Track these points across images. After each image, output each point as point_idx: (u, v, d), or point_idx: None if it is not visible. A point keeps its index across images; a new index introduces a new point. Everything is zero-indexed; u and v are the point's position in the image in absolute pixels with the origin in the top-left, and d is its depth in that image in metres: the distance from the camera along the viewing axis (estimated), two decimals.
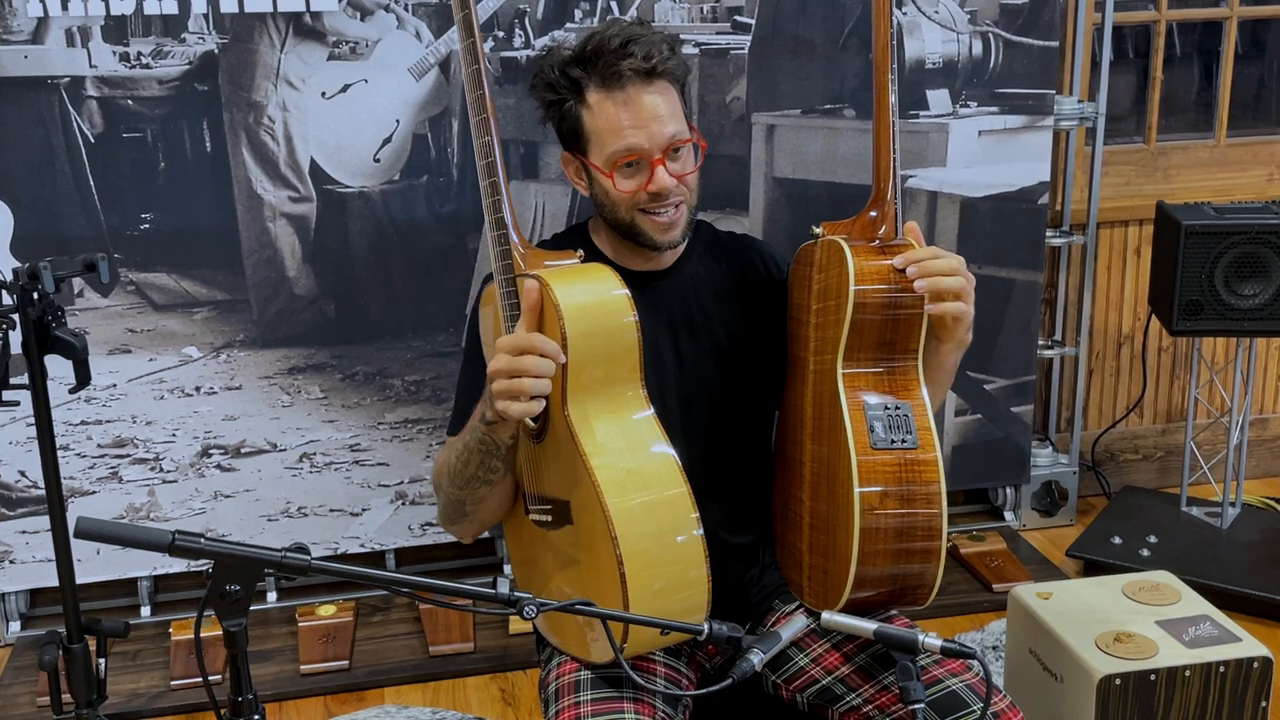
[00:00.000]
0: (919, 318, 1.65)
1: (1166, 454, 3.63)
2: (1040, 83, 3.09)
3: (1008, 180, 3.13)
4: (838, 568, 1.64)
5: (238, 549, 1.20)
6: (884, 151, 1.74)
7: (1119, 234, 3.46)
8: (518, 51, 2.81)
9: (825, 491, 1.68)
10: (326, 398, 2.94)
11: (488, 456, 1.68)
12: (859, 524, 1.59)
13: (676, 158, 1.75)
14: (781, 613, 1.86)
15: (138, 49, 2.66)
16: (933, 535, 1.61)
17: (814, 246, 1.75)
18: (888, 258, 1.66)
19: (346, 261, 2.86)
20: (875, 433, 1.62)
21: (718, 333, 1.86)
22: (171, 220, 2.77)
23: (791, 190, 3.01)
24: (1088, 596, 2.16)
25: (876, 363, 1.66)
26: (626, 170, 1.73)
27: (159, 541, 1.16)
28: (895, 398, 1.65)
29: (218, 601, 1.20)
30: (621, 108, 1.71)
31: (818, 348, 1.71)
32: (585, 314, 1.61)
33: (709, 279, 1.88)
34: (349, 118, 2.77)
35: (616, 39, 1.71)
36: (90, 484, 2.88)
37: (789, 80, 2.95)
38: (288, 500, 2.98)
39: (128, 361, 2.84)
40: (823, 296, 1.70)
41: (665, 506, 1.59)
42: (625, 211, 1.77)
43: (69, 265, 1.71)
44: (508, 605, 1.27)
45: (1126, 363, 3.56)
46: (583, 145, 1.77)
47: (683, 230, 1.80)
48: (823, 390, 1.69)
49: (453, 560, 3.17)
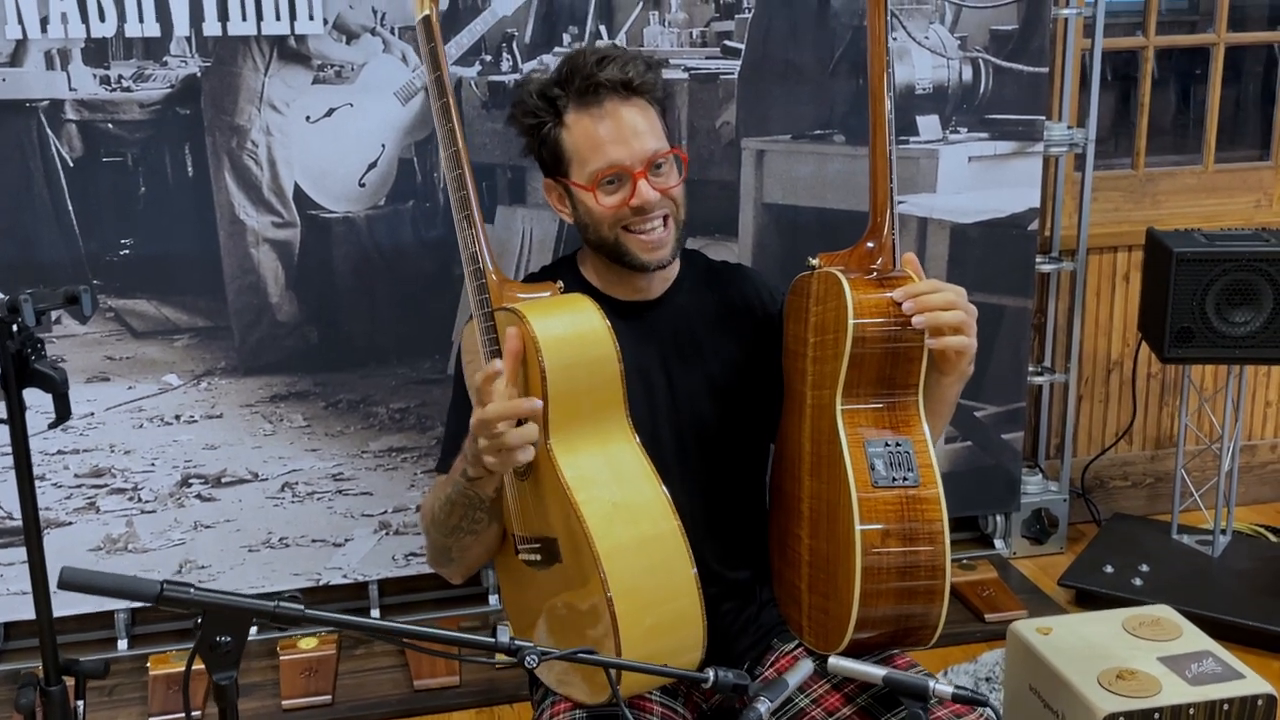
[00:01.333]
0: (919, 351, 1.62)
1: (1156, 480, 3.61)
2: (1030, 108, 3.07)
3: (998, 206, 3.12)
4: (839, 608, 1.60)
5: (229, 599, 1.15)
6: (881, 181, 1.71)
7: (1108, 260, 3.45)
8: (505, 76, 2.78)
9: (825, 530, 1.64)
10: (309, 426, 2.89)
11: (470, 509, 1.64)
12: (861, 564, 1.55)
13: (659, 172, 1.72)
14: (781, 652, 1.82)
15: (119, 72, 2.61)
16: (936, 574, 1.57)
17: (810, 278, 1.71)
18: (887, 290, 1.62)
19: (330, 287, 2.81)
20: (876, 470, 1.58)
21: (711, 363, 1.82)
22: (152, 246, 2.71)
23: (781, 216, 2.99)
24: (1088, 632, 2.13)
25: (876, 398, 1.63)
26: (608, 186, 1.70)
27: (146, 592, 1.11)
28: (896, 434, 1.61)
29: (207, 653, 1.15)
30: (600, 123, 1.69)
31: (815, 382, 1.68)
32: (564, 346, 1.57)
33: (701, 309, 1.84)
34: (334, 142, 2.73)
35: (592, 56, 1.70)
36: (66, 514, 2.82)
37: (779, 105, 2.93)
38: (269, 530, 2.92)
39: (106, 390, 2.78)
40: (820, 330, 1.67)
41: (655, 542, 1.55)
42: (609, 230, 1.73)
43: (50, 298, 1.66)
44: (509, 654, 1.22)
45: (1115, 389, 3.54)
46: (564, 167, 1.74)
47: (671, 250, 1.76)
48: (821, 426, 1.65)
49: (437, 591, 3.11)
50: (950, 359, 1.64)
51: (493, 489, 1.62)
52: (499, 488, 1.62)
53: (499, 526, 1.70)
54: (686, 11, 2.83)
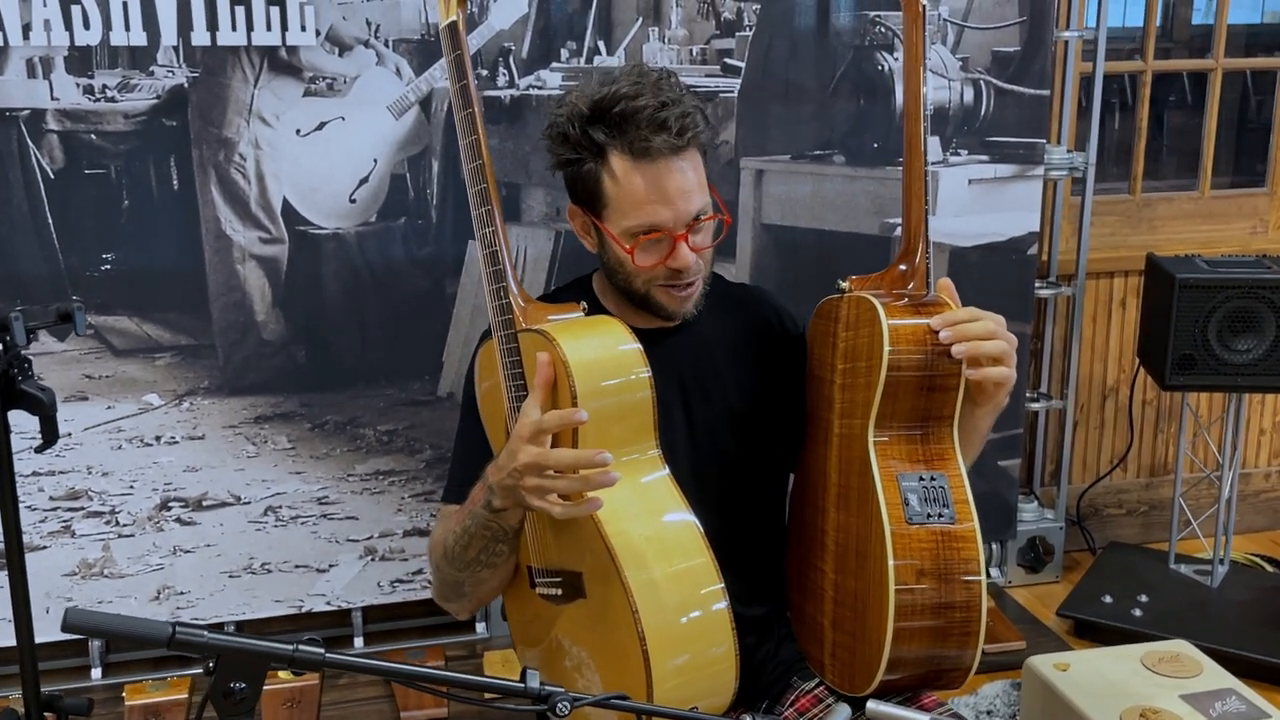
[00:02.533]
0: (956, 381, 1.55)
1: (1151, 509, 3.57)
2: (1031, 131, 3.03)
3: (997, 230, 3.07)
4: (868, 650, 1.53)
5: (245, 643, 1.07)
6: (915, 203, 1.65)
7: (1105, 285, 3.41)
8: (501, 91, 2.71)
9: (854, 566, 1.57)
10: (294, 448, 2.80)
11: (492, 541, 1.57)
12: (893, 605, 1.48)
13: (699, 229, 1.64)
14: (801, 690, 1.75)
15: (103, 81, 2.53)
16: (972, 614, 1.51)
17: (839, 301, 1.64)
18: (923, 318, 1.55)
19: (319, 306, 2.73)
20: (910, 506, 1.51)
21: (730, 392, 1.75)
22: (134, 261, 2.62)
23: (780, 237, 2.93)
24: (1107, 668, 2.08)
25: (910, 429, 1.56)
26: (647, 245, 1.62)
27: (158, 636, 1.03)
28: (930, 468, 1.54)
29: (221, 701, 1.08)
30: (649, 182, 1.58)
31: (844, 410, 1.61)
32: (595, 370, 1.51)
33: (721, 335, 1.77)
34: (324, 156, 2.65)
35: (649, 109, 1.57)
36: (41, 538, 2.71)
37: (778, 125, 2.88)
38: (251, 555, 2.83)
39: (84, 409, 2.68)
40: (850, 356, 1.60)
41: (688, 577, 1.48)
42: (642, 284, 1.66)
43: (43, 315, 1.58)
44: (538, 701, 1.15)
45: (1111, 416, 3.50)
46: (598, 209, 1.64)
47: (696, 301, 1.70)
48: (850, 456, 1.58)
49: (423, 619, 3.03)
50: (988, 390, 1.58)
51: (519, 520, 1.55)
52: (523, 519, 1.55)
53: (515, 559, 1.62)
54: (687, 28, 2.78)
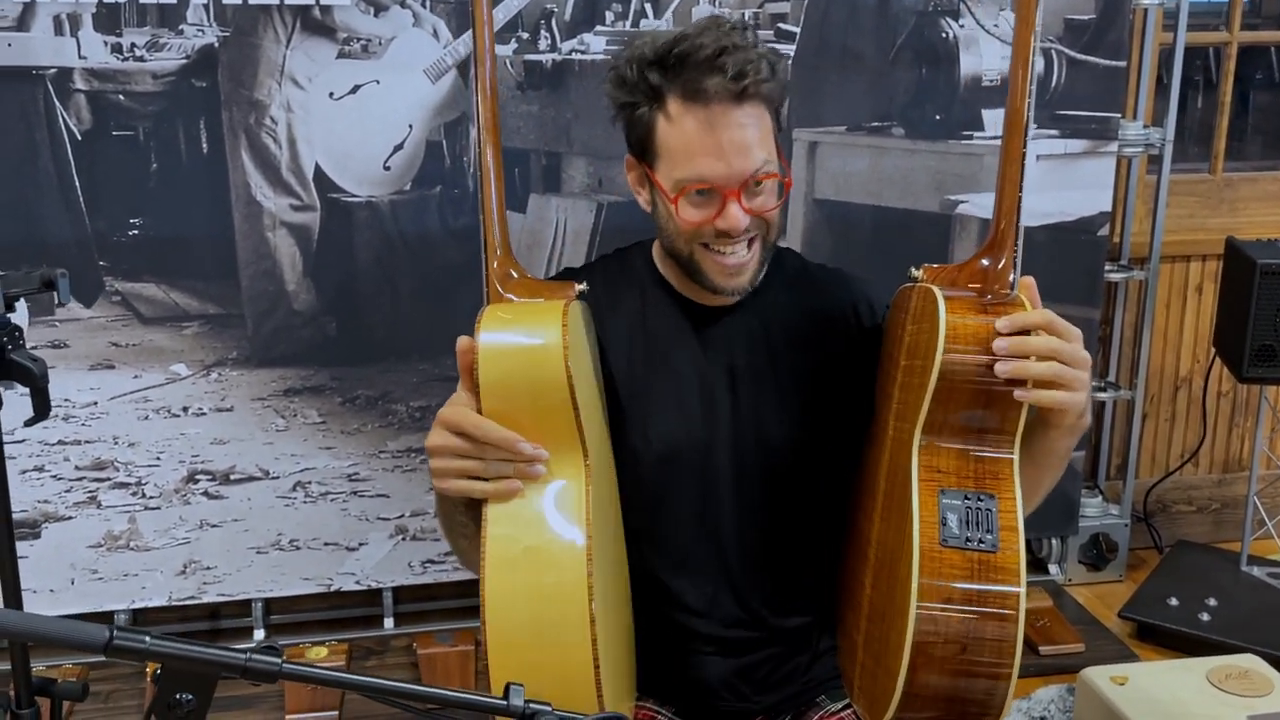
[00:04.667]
0: None
1: (1223, 507, 3.39)
2: (1104, 105, 2.86)
3: (1066, 209, 2.91)
4: (885, 677, 1.38)
5: (190, 650, 0.97)
6: (1010, 188, 1.43)
7: (1180, 269, 3.23)
8: (543, 55, 2.59)
9: (885, 583, 1.42)
10: (324, 422, 2.72)
11: (452, 515, 1.45)
12: (911, 633, 1.32)
13: (757, 191, 1.48)
14: (827, 710, 1.62)
15: (131, 40, 2.45)
16: (1004, 654, 1.33)
17: (911, 290, 1.46)
18: (992, 318, 1.36)
19: (350, 276, 2.64)
20: (948, 526, 1.34)
21: (785, 381, 1.60)
22: (163, 226, 2.55)
23: (833, 213, 2.79)
24: (1169, 683, 1.93)
25: (964, 441, 1.38)
26: (695, 199, 1.47)
27: (92, 641, 0.93)
28: (980, 487, 1.36)
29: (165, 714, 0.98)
30: (702, 129, 1.44)
31: (899, 411, 1.44)
32: (503, 359, 1.34)
33: (784, 318, 1.62)
34: (358, 121, 2.56)
35: (708, 49, 1.43)
36: (66, 509, 2.66)
37: (834, 94, 2.73)
38: (279, 532, 2.75)
39: (110, 378, 2.62)
40: (911, 353, 1.43)
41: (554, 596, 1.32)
42: (685, 244, 1.51)
43: (25, 281, 1.49)
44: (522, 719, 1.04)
45: (1183, 408, 3.32)
46: (650, 157, 1.51)
47: (751, 277, 1.54)
48: (898, 463, 1.41)
49: (455, 600, 2.94)
50: (1055, 411, 1.39)
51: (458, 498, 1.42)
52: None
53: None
54: None
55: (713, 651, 1.63)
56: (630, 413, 1.58)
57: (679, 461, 1.58)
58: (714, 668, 1.62)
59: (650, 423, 1.58)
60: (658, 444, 1.57)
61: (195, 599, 2.76)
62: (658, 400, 1.58)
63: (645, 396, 1.58)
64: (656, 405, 1.58)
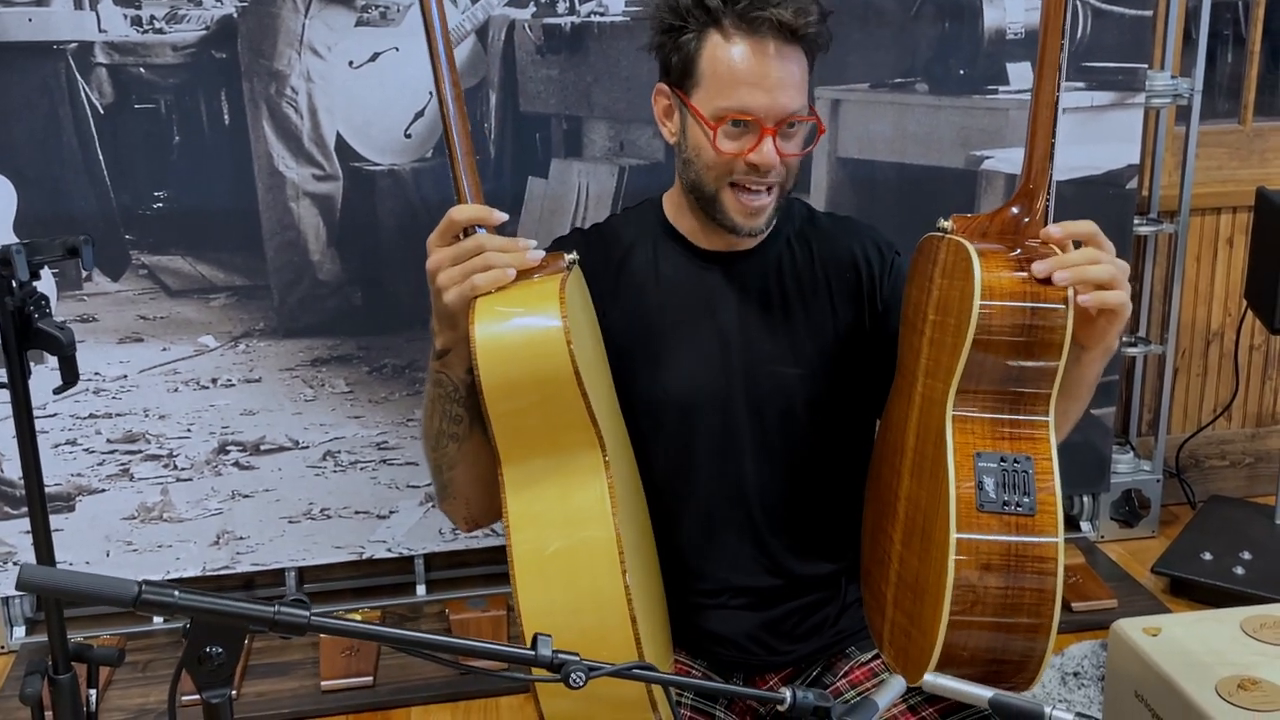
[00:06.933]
0: (1058, 347, 1.33)
1: (1256, 461, 3.36)
2: (1131, 56, 2.82)
3: (1093, 162, 2.88)
4: (922, 638, 1.37)
5: (219, 604, 0.98)
6: (1041, 136, 1.41)
7: (1210, 222, 3.19)
8: (561, 18, 2.58)
9: (918, 545, 1.41)
10: (352, 392, 2.73)
11: (446, 402, 1.42)
12: (950, 598, 1.31)
13: (790, 134, 1.49)
14: (857, 662, 1.62)
15: (150, 12, 2.45)
16: (1043, 614, 1.32)
17: (940, 241, 1.43)
18: (1026, 271, 1.33)
19: (375, 245, 2.65)
20: (984, 490, 1.32)
21: (800, 328, 1.60)
22: (187, 199, 2.56)
23: (857, 171, 2.77)
24: (1202, 634, 1.91)
25: (999, 401, 1.36)
26: (732, 129, 1.47)
27: (122, 595, 0.94)
28: (1016, 448, 1.34)
29: (196, 667, 0.99)
30: (751, 59, 1.44)
31: (929, 368, 1.42)
32: (504, 356, 1.31)
33: (797, 265, 1.62)
34: (378, 89, 2.55)
35: None
36: (99, 481, 2.69)
37: (856, 50, 2.70)
38: (310, 501, 2.77)
39: (139, 351, 2.63)
40: (942, 308, 1.40)
41: (591, 602, 1.30)
42: (713, 178, 1.51)
43: (48, 249, 1.50)
44: (551, 669, 1.04)
45: (1215, 362, 3.29)
46: (689, 83, 1.49)
47: (767, 219, 1.54)
48: (929, 422, 1.40)
49: (487, 566, 2.96)
50: (1099, 326, 1.36)
51: (463, 369, 1.40)
52: (469, 370, 1.35)
53: (482, 442, 1.42)
54: None
55: (740, 605, 1.63)
56: (647, 363, 1.58)
57: (698, 409, 1.58)
58: (742, 621, 1.63)
59: (669, 372, 1.58)
60: (676, 392, 1.58)
61: (229, 569, 2.78)
62: (674, 349, 1.59)
63: (661, 346, 1.59)
64: (673, 354, 1.58)
